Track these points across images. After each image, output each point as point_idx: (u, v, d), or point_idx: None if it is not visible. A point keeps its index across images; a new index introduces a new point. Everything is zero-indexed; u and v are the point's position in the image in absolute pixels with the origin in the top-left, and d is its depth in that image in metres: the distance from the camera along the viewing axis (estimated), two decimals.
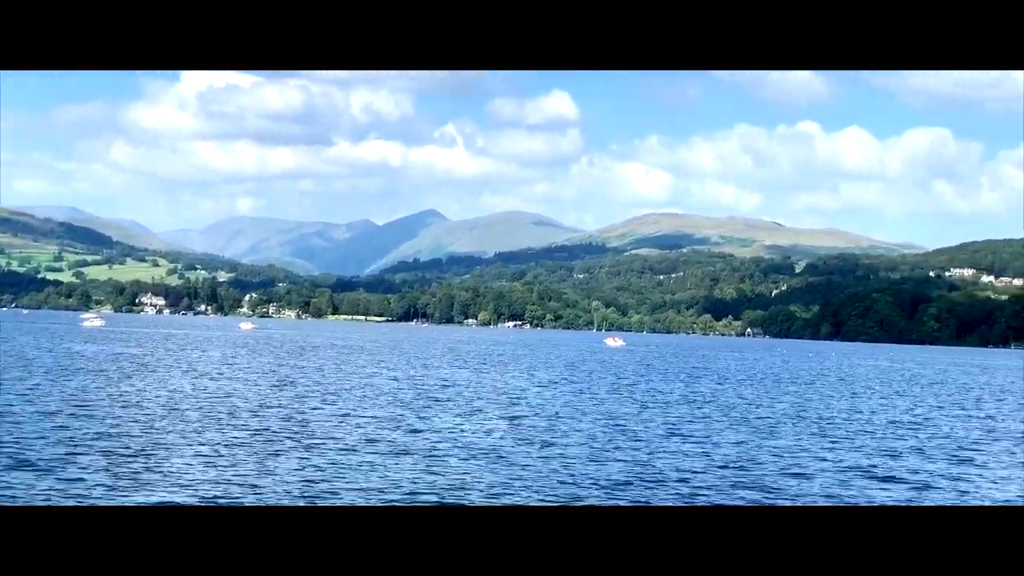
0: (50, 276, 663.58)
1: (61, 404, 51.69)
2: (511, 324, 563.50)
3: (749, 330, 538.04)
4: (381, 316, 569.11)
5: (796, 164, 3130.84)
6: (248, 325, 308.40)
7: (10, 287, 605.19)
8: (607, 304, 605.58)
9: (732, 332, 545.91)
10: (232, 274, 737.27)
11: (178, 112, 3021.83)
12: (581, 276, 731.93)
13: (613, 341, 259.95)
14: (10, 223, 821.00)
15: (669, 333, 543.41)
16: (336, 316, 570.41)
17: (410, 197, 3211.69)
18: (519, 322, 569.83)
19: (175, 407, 53.22)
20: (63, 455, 35.00)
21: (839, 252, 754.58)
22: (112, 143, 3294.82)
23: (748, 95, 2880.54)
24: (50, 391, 59.07)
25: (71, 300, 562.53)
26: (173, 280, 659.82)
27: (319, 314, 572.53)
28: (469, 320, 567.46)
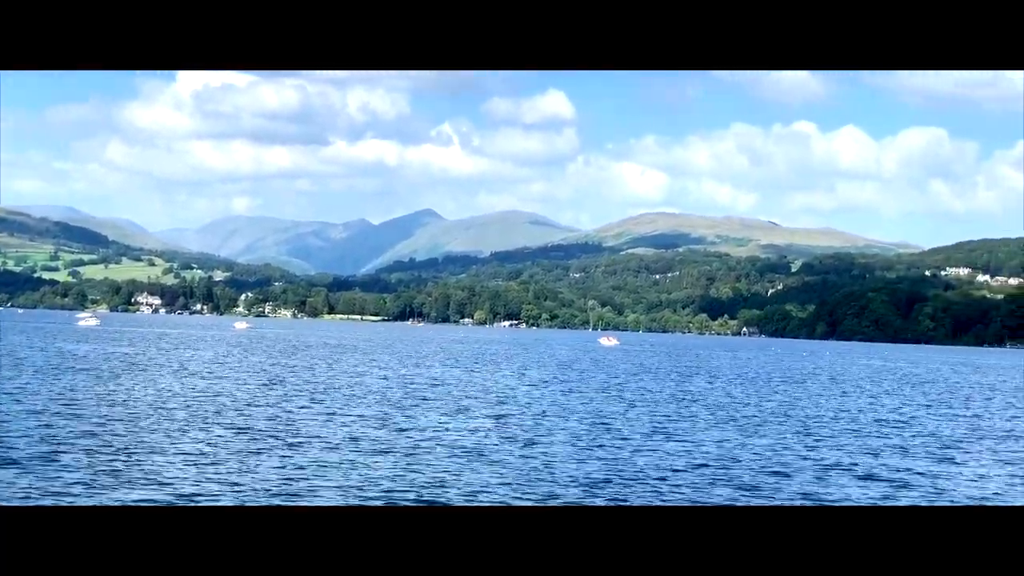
0: (46, 275, 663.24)
1: (48, 403, 51.82)
2: (507, 323, 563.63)
3: (745, 329, 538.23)
4: (377, 316, 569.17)
5: (792, 164, 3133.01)
6: (242, 325, 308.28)
7: (6, 287, 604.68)
8: (603, 303, 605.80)
9: (728, 331, 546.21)
10: (228, 273, 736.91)
11: (174, 112, 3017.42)
12: (577, 275, 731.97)
13: (607, 340, 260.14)
14: (6, 223, 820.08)
15: (665, 332, 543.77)
16: (332, 316, 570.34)
17: (406, 196, 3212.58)
18: (515, 321, 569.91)
19: (161, 406, 53.35)
20: (44, 453, 35.12)
21: (835, 251, 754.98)
22: (108, 143, 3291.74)
23: (744, 95, 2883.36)
24: (38, 390, 59.21)
25: (67, 299, 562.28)
26: (169, 279, 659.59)
27: (315, 314, 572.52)
28: (465, 319, 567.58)
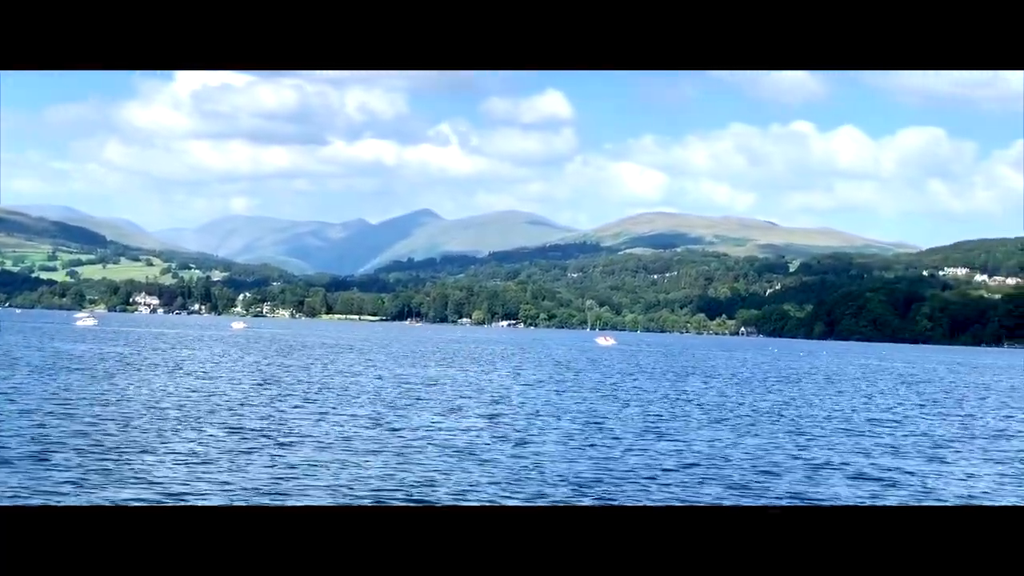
0: (44, 275, 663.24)
1: (41, 402, 51.90)
2: (505, 323, 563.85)
3: (743, 329, 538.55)
4: (375, 315, 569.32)
5: (790, 164, 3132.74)
6: (240, 324, 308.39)
7: (4, 286, 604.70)
8: (601, 303, 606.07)
9: (726, 331, 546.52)
10: (226, 273, 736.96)
11: (172, 111, 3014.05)
12: (575, 275, 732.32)
13: (604, 340, 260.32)
14: (4, 222, 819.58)
15: (663, 332, 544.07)
16: (330, 315, 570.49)
17: (404, 196, 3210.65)
18: (513, 321, 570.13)
19: (154, 405, 53.44)
20: (34, 452, 35.17)
21: (833, 251, 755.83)
22: (106, 142, 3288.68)
23: (742, 95, 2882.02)
24: (31, 389, 59.28)
25: (65, 299, 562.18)
26: (167, 279, 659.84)
27: (313, 313, 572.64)
28: (463, 319, 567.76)
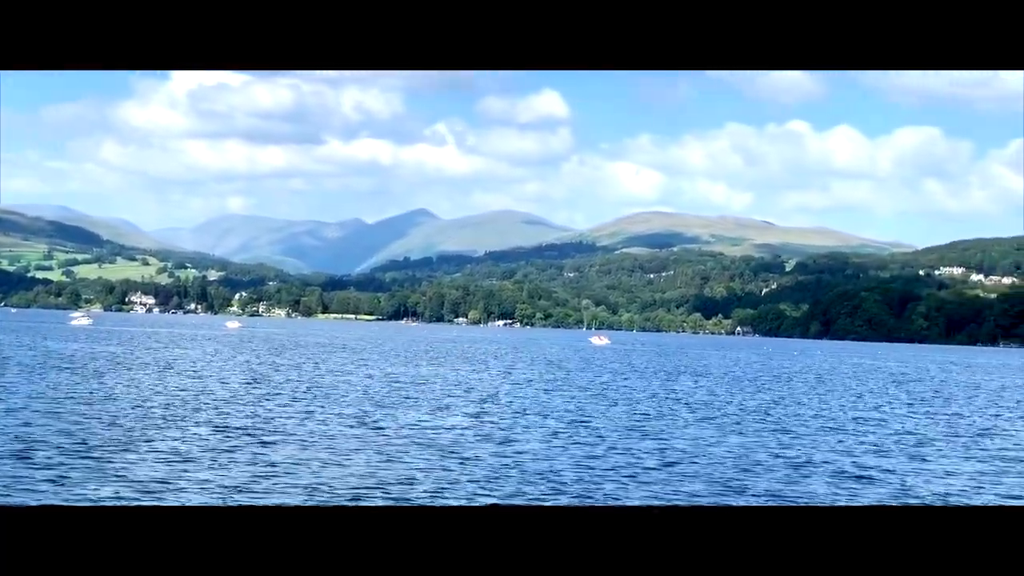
0: (40, 275, 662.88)
1: (27, 401, 51.99)
2: (501, 323, 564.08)
3: (739, 329, 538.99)
4: (371, 315, 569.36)
5: (786, 163, 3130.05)
6: (235, 324, 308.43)
7: None
8: (597, 303, 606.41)
9: (722, 331, 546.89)
10: (222, 273, 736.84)
11: (168, 111, 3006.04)
12: (571, 275, 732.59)
13: (598, 340, 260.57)
14: (0, 222, 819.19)
15: (659, 332, 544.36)
16: (326, 315, 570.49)
17: (401, 196, 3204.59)
18: (509, 321, 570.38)
19: (139, 404, 53.52)
20: (17, 451, 35.27)
21: (829, 251, 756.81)
22: (102, 142, 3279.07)
23: (738, 94, 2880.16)
24: (19, 388, 59.37)
25: (61, 299, 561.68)
26: (163, 279, 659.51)
27: (309, 313, 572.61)
28: (459, 319, 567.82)
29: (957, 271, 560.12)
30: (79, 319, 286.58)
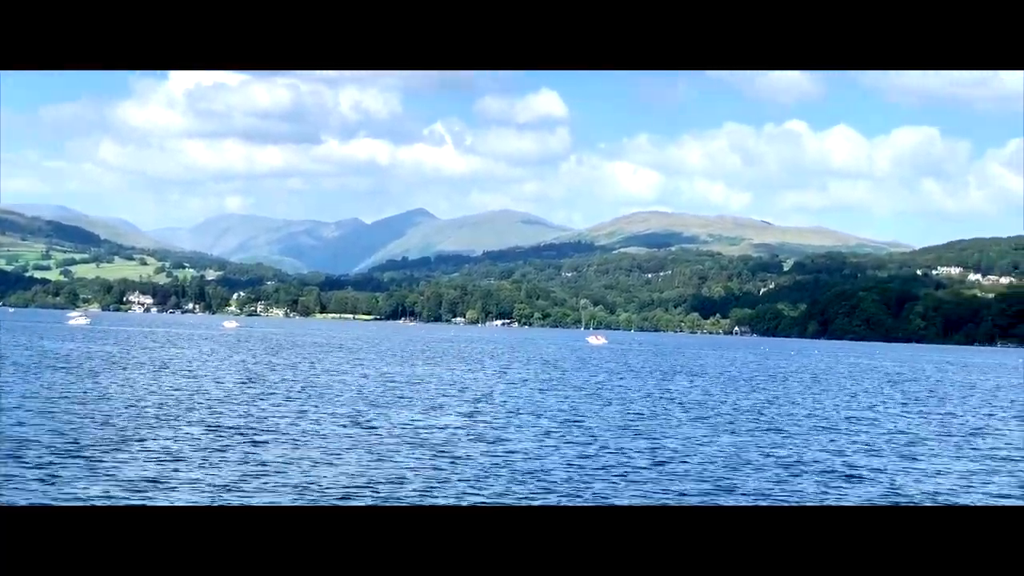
0: (38, 275, 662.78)
1: (20, 400, 51.99)
2: (499, 322, 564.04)
3: (737, 328, 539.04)
4: (369, 315, 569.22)
5: (784, 163, 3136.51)
6: (232, 324, 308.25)
7: None
8: (595, 302, 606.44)
9: (720, 330, 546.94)
10: (220, 272, 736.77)
11: (166, 111, 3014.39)
12: (569, 274, 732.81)
13: (595, 339, 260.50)
14: None
15: (657, 331, 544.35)
16: (324, 315, 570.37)
17: (399, 196, 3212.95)
18: (507, 320, 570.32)
19: (132, 404, 53.53)
20: (7, 451, 35.28)
21: (827, 250, 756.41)
22: (100, 142, 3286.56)
23: (737, 94, 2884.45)
24: (12, 388, 59.36)
25: (59, 299, 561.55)
26: (161, 279, 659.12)
27: (307, 312, 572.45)
28: (457, 319, 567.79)
29: (955, 271, 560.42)
30: (77, 319, 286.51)
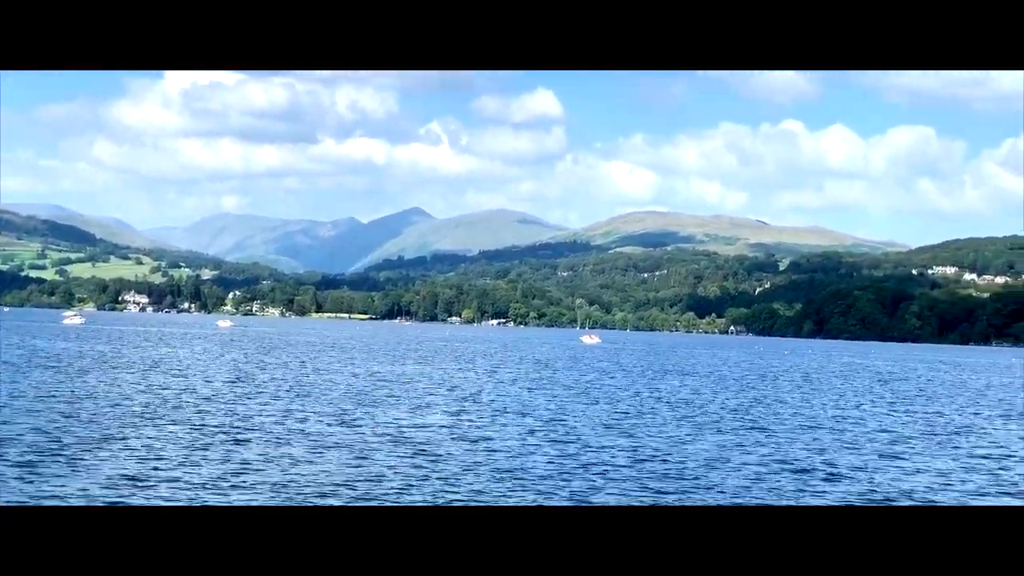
0: (33, 274, 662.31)
1: (7, 400, 52.10)
2: (495, 322, 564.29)
3: (732, 328, 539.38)
4: (365, 314, 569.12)
5: (780, 163, 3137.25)
6: (226, 323, 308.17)
7: None
8: (591, 302, 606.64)
9: (715, 330, 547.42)
10: (216, 272, 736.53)
11: (162, 110, 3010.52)
12: (565, 274, 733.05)
13: (589, 339, 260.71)
14: None
15: (653, 331, 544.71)
16: (320, 314, 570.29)
17: (395, 195, 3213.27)
18: (503, 320, 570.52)
19: (119, 403, 53.62)
20: None
21: (823, 250, 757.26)
22: (96, 141, 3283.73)
23: (733, 94, 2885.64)
24: (0, 387, 59.46)
25: (54, 298, 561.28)
26: (157, 278, 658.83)
27: (303, 312, 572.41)
28: (453, 318, 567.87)
29: (950, 270, 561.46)
30: (72, 318, 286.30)
